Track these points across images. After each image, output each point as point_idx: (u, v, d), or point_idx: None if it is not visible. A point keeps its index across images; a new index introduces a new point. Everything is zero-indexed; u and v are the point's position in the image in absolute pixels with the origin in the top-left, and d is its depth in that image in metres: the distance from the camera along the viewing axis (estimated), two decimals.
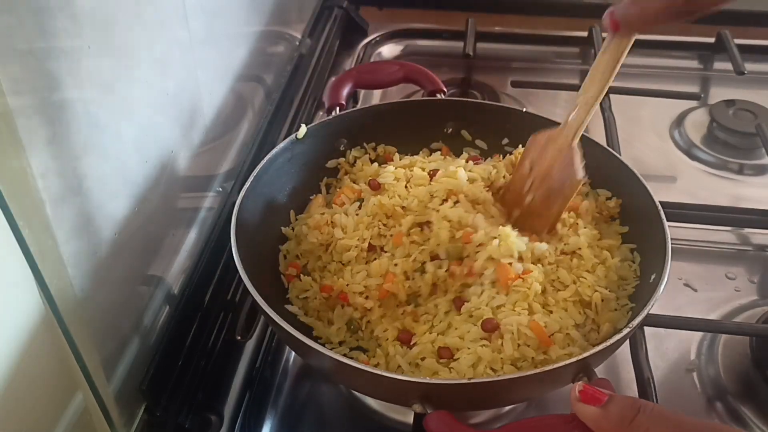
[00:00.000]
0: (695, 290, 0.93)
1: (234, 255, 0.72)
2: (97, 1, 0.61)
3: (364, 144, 0.96)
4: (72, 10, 0.57)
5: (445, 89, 0.99)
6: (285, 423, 0.79)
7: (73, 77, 0.58)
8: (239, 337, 0.86)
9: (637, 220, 0.82)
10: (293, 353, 0.85)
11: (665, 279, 0.70)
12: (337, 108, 0.94)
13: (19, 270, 0.55)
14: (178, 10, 0.79)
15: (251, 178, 0.82)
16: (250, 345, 0.86)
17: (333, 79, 0.99)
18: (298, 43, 1.33)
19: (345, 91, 0.97)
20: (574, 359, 0.62)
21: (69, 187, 0.59)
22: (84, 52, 0.60)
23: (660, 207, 0.78)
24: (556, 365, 0.62)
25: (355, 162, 0.94)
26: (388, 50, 1.47)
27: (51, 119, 0.56)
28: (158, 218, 0.77)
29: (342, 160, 0.94)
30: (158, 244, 0.78)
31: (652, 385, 0.76)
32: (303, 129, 0.89)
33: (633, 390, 0.76)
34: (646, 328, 0.82)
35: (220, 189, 0.96)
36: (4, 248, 0.53)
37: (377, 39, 1.47)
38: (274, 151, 0.86)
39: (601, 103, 1.17)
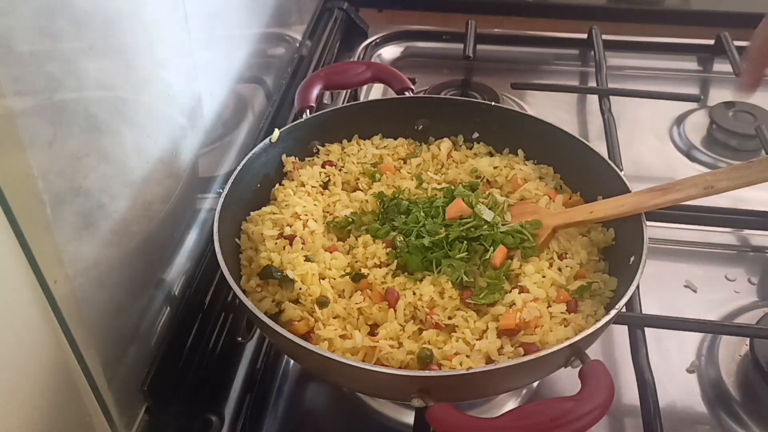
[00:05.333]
0: (695, 291, 0.93)
1: (220, 263, 0.72)
2: (97, 2, 0.61)
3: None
4: (72, 11, 0.58)
5: (412, 87, 1.00)
6: (285, 423, 0.79)
7: (74, 78, 0.59)
8: (240, 339, 0.86)
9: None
10: None
11: (644, 259, 0.71)
12: (308, 110, 0.94)
13: (20, 270, 0.55)
14: (178, 11, 0.79)
15: (228, 185, 0.82)
16: (250, 346, 0.86)
17: (302, 82, 1.00)
18: (298, 45, 1.34)
19: (314, 93, 0.97)
20: (566, 343, 0.63)
21: (69, 187, 0.59)
22: (84, 54, 0.60)
23: (630, 188, 0.80)
24: (549, 350, 0.62)
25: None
26: (388, 52, 1.47)
27: (52, 120, 0.56)
28: (159, 219, 0.77)
29: (291, 159, 0.92)
30: (159, 245, 0.78)
31: (652, 385, 0.76)
32: (276, 133, 0.90)
33: (633, 390, 0.76)
34: (646, 329, 0.82)
35: (221, 191, 0.96)
36: (5, 248, 0.53)
37: (377, 41, 1.47)
38: (249, 156, 0.86)
39: (600, 105, 1.18)
